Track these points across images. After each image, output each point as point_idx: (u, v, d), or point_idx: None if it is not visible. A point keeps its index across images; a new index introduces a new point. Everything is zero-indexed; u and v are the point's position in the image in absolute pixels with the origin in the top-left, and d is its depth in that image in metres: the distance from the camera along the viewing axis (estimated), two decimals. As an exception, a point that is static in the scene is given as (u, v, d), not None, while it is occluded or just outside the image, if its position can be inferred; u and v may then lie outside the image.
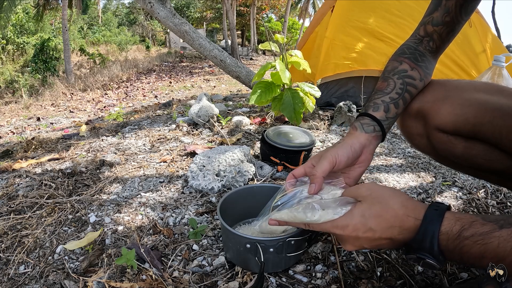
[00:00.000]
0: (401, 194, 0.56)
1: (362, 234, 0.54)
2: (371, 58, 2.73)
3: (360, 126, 0.73)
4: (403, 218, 0.52)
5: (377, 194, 0.55)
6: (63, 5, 10.83)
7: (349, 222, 0.54)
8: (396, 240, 0.54)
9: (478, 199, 1.23)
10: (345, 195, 0.61)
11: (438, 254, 0.49)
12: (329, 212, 0.57)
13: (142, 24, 26.57)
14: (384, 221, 0.52)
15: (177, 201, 1.25)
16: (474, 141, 0.74)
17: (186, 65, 13.77)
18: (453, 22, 0.77)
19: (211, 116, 2.26)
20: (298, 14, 27.71)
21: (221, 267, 0.90)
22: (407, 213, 0.52)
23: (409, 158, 1.66)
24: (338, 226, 0.56)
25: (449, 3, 0.75)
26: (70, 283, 0.85)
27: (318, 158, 0.69)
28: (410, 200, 0.55)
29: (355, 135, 0.72)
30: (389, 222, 0.52)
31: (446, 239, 0.49)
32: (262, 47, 1.98)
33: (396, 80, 0.76)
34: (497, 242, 0.45)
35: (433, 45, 0.80)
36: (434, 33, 0.79)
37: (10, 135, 3.66)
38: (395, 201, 0.53)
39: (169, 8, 2.89)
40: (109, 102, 7.01)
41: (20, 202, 1.25)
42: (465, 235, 0.47)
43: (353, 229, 0.54)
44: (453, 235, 0.48)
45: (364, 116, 0.74)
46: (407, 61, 0.78)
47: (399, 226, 0.52)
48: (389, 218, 0.52)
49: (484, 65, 2.64)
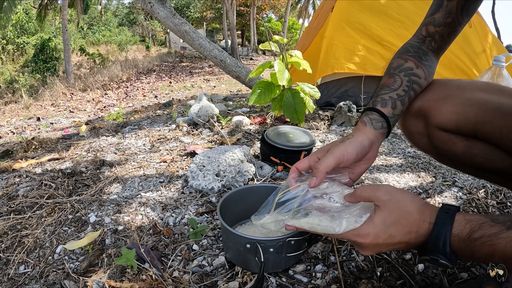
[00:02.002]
0: (418, 199, 0.56)
1: (383, 241, 0.55)
2: (370, 63, 2.73)
3: (369, 121, 0.71)
4: (420, 223, 0.53)
5: (396, 199, 0.55)
6: (63, 5, 10.84)
7: (371, 230, 0.55)
8: (412, 243, 0.55)
9: (478, 199, 1.23)
10: (360, 197, 0.59)
11: (450, 254, 0.51)
12: (351, 221, 0.56)
13: (142, 24, 26.58)
14: (403, 227, 0.53)
15: (177, 201, 1.25)
16: (475, 140, 0.74)
17: (186, 65, 13.76)
18: (454, 23, 0.77)
19: (211, 116, 2.26)
20: (298, 14, 27.71)
21: (221, 267, 0.90)
22: (424, 218, 0.53)
23: (409, 158, 1.66)
24: (360, 235, 0.56)
25: (451, 4, 0.76)
26: (70, 283, 0.85)
27: (325, 152, 0.68)
28: (425, 205, 0.55)
29: (365, 131, 0.70)
30: (407, 228, 0.53)
31: (457, 241, 0.50)
32: (262, 47, 1.98)
33: (402, 77, 0.75)
34: (504, 242, 0.47)
35: (435, 45, 0.81)
36: (436, 34, 0.80)
37: (10, 135, 3.66)
38: (414, 207, 0.54)
39: (169, 8, 2.89)
40: (109, 102, 7.01)
41: (20, 202, 1.25)
42: (474, 237, 0.49)
43: (374, 237, 0.55)
44: (464, 236, 0.50)
45: (373, 111, 0.72)
46: (412, 59, 0.77)
47: (415, 231, 0.53)
48: (408, 224, 0.53)
49: (484, 65, 2.64)
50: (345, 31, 2.80)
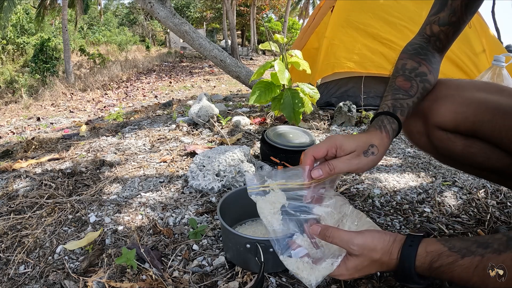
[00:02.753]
0: (387, 241, 0.60)
1: (358, 275, 0.62)
2: (370, 61, 2.73)
3: (391, 132, 0.69)
4: (388, 261, 0.60)
5: (366, 251, 0.60)
6: (63, 5, 10.84)
7: (345, 272, 0.62)
8: (385, 270, 0.63)
9: (478, 199, 1.23)
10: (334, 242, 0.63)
11: (418, 279, 0.58)
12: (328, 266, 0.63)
13: (142, 24, 26.57)
14: (375, 266, 0.61)
15: (177, 201, 1.25)
16: (474, 139, 0.74)
17: (186, 65, 13.76)
18: (458, 22, 0.78)
19: (211, 116, 2.26)
20: (298, 14, 27.71)
21: (221, 267, 0.90)
22: (391, 257, 0.59)
23: (409, 158, 1.66)
24: (335, 275, 0.63)
25: (455, 4, 0.76)
26: (70, 283, 0.85)
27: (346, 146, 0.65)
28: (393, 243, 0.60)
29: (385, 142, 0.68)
30: (378, 266, 0.61)
31: (421, 271, 0.57)
32: (262, 47, 1.98)
33: (418, 83, 0.75)
34: (460, 269, 0.53)
35: (440, 45, 0.81)
36: (441, 33, 0.80)
37: (10, 135, 3.66)
38: (380, 253, 0.59)
39: (169, 8, 2.89)
40: (109, 102, 7.01)
41: (20, 202, 1.25)
42: (435, 266, 0.55)
43: (349, 276, 0.62)
44: (426, 267, 0.56)
45: (395, 120, 0.70)
46: (425, 63, 0.77)
47: (386, 265, 0.60)
48: (377, 267, 0.61)
49: (484, 65, 2.64)
50: (345, 31, 2.80)
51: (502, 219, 1.11)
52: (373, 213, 1.14)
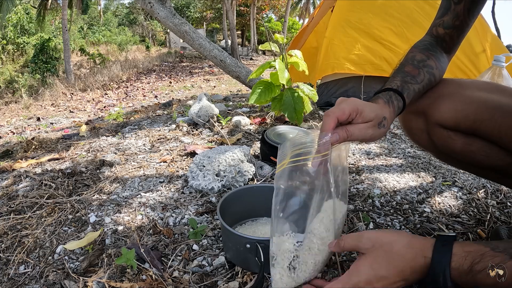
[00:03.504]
0: (405, 235, 0.55)
1: (377, 284, 0.54)
2: (370, 63, 2.73)
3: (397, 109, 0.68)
4: (412, 259, 0.52)
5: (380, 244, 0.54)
6: (63, 5, 10.83)
7: (359, 278, 0.54)
8: (409, 279, 0.53)
9: (478, 199, 1.23)
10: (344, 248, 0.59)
11: (452, 287, 0.50)
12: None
13: (142, 24, 26.58)
14: (394, 267, 0.52)
15: (177, 201, 1.25)
16: (474, 138, 0.75)
17: (186, 65, 13.76)
18: (462, 25, 0.79)
19: (211, 116, 2.26)
20: (298, 14, 27.72)
21: (221, 267, 0.90)
22: (415, 253, 0.52)
23: (409, 158, 1.66)
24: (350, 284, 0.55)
25: (458, 8, 0.77)
26: (70, 283, 0.85)
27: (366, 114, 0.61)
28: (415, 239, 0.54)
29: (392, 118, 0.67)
30: (399, 267, 0.52)
31: (458, 275, 0.49)
32: (262, 48, 1.98)
33: (425, 73, 0.75)
34: (509, 272, 0.46)
35: (446, 46, 0.83)
36: (446, 36, 0.81)
37: (10, 135, 3.66)
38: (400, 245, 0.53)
39: (169, 8, 2.89)
40: (109, 102, 7.01)
41: (20, 202, 1.25)
42: (476, 269, 0.48)
43: (366, 283, 0.54)
44: (465, 270, 0.48)
45: (401, 99, 0.69)
46: (433, 58, 0.78)
47: (409, 267, 0.52)
48: (397, 263, 0.52)
49: (484, 65, 2.64)
50: (345, 31, 2.80)
51: (502, 219, 1.11)
52: (373, 213, 1.14)
